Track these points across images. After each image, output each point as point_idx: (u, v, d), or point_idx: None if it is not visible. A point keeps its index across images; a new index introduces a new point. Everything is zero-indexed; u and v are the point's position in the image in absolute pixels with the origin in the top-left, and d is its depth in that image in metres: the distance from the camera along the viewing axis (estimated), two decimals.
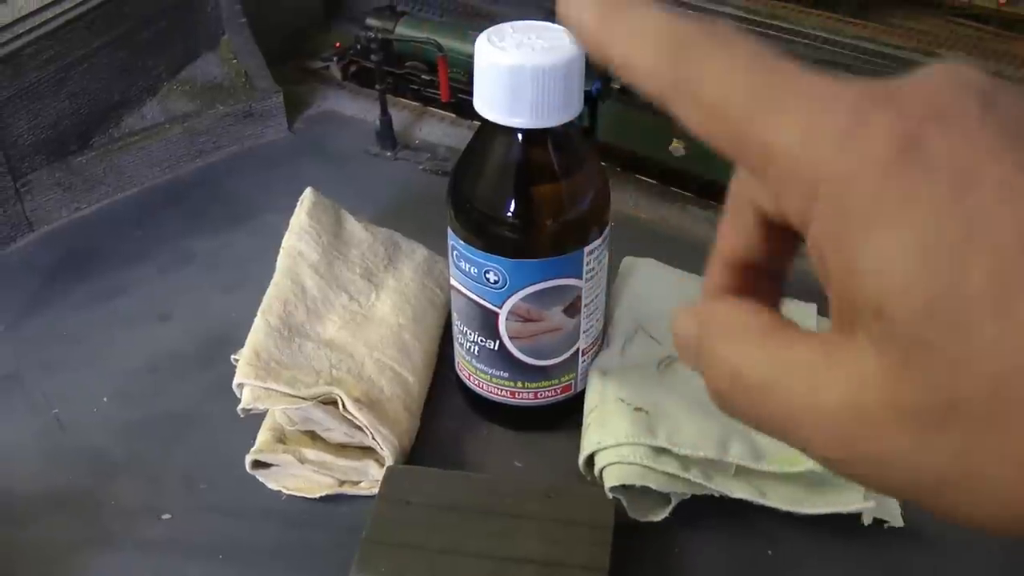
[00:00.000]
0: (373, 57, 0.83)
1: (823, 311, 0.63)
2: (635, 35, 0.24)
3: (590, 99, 0.79)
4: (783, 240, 0.26)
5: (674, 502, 0.53)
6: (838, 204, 0.20)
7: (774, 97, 0.22)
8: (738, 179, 0.26)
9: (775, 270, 0.28)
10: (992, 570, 0.52)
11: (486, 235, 0.51)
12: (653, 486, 0.51)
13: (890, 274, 0.19)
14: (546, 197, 0.51)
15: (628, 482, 0.51)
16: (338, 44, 0.95)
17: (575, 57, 0.48)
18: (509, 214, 0.50)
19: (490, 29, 0.49)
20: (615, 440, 0.52)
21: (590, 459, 0.54)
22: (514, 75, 0.47)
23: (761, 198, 0.25)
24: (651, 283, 0.64)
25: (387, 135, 0.85)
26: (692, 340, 0.25)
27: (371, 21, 0.89)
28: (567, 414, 0.58)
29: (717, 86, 0.22)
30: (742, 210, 0.26)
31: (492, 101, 0.48)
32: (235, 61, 0.91)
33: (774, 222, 0.25)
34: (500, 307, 0.53)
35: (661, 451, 0.52)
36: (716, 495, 0.52)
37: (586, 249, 0.52)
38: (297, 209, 0.66)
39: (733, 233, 0.27)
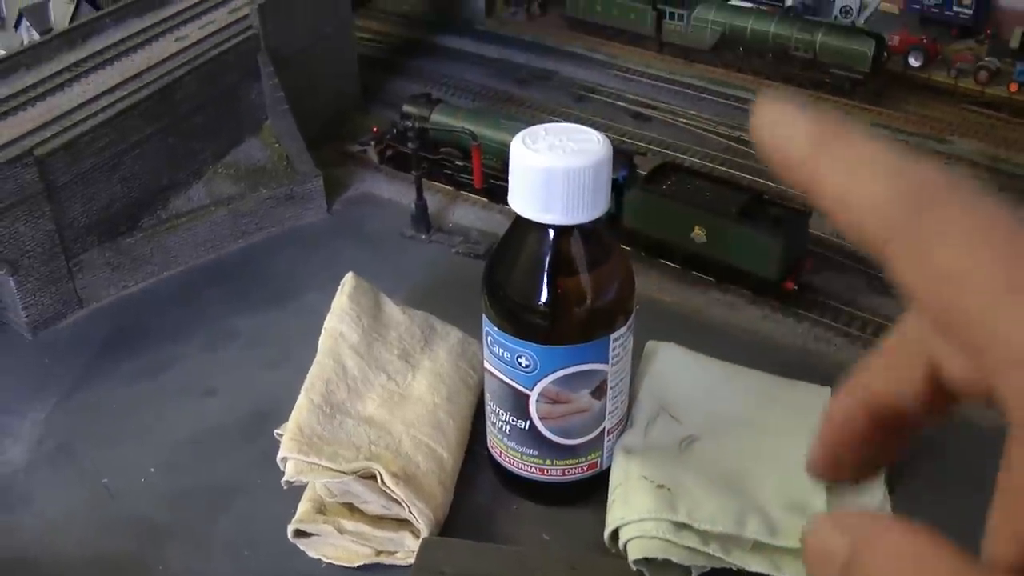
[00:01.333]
0: (410, 144, 0.87)
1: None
2: (859, 169, 0.21)
3: (616, 186, 0.83)
4: (941, 400, 0.24)
5: (695, 574, 0.55)
6: None
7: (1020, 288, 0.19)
8: (916, 326, 0.24)
9: (912, 427, 0.25)
10: None
11: (519, 323, 0.55)
12: (674, 559, 0.54)
13: None
14: (575, 288, 0.55)
15: (651, 555, 0.54)
16: (375, 128, 0.99)
17: (604, 159, 0.51)
18: (541, 303, 0.54)
19: (524, 131, 0.53)
20: (638, 515, 0.55)
21: (615, 533, 0.57)
22: (547, 176, 0.51)
23: (948, 360, 0.23)
24: (673, 367, 0.67)
25: (422, 218, 0.89)
26: (837, 559, 0.21)
27: (408, 108, 0.93)
28: (593, 490, 0.61)
29: (956, 256, 0.19)
30: (912, 359, 0.24)
31: (526, 199, 0.52)
32: (277, 145, 0.96)
33: (946, 384, 0.23)
34: (531, 389, 0.56)
35: (682, 526, 0.55)
36: (734, 568, 0.55)
37: (612, 336, 0.55)
38: (338, 292, 0.70)
39: (890, 377, 0.24)
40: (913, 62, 1.15)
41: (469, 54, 1.27)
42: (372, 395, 0.64)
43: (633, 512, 0.56)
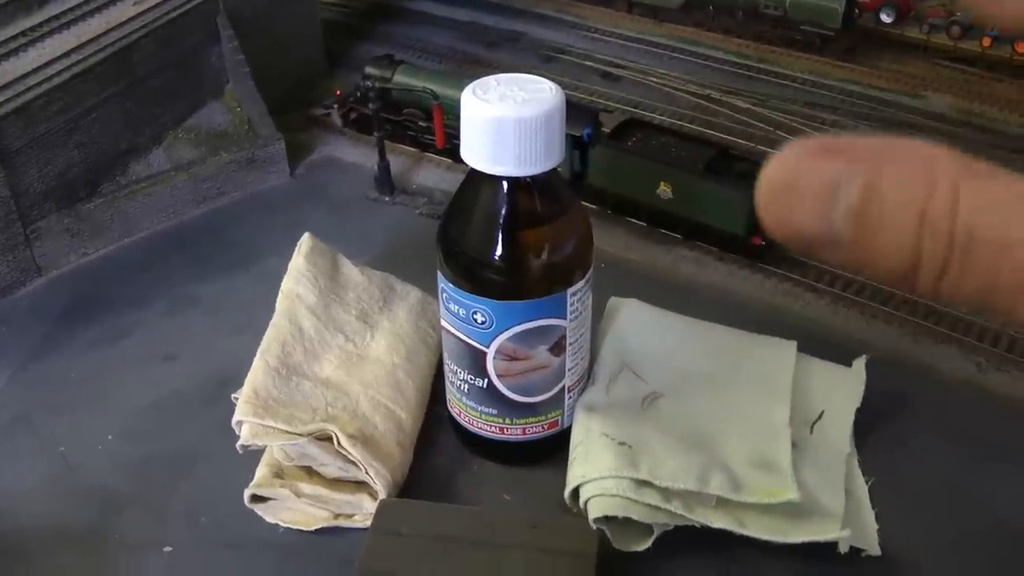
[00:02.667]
0: (371, 105, 0.86)
1: (801, 349, 0.66)
2: None
3: (581, 144, 0.82)
4: None
5: (657, 532, 0.55)
6: None
7: None
8: None
9: None
10: None
11: (473, 278, 0.54)
12: (635, 517, 0.53)
13: None
14: (531, 241, 0.53)
15: (611, 513, 0.53)
16: (338, 92, 0.98)
17: (556, 108, 0.50)
18: (495, 258, 0.53)
19: (475, 82, 0.52)
20: (599, 473, 0.54)
21: (575, 492, 0.56)
22: (497, 126, 0.49)
23: None
24: (636, 323, 0.66)
25: (385, 180, 0.87)
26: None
27: (370, 70, 0.92)
28: (554, 449, 0.60)
29: None
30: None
31: (478, 151, 0.51)
32: (239, 109, 0.94)
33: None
34: (488, 346, 0.55)
35: (643, 484, 0.54)
36: (697, 525, 0.54)
37: (569, 291, 0.54)
38: (295, 254, 0.69)
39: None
40: (885, 18, 1.14)
41: (437, 17, 1.25)
42: (329, 356, 0.63)
43: (593, 470, 0.55)
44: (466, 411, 0.59)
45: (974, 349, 0.71)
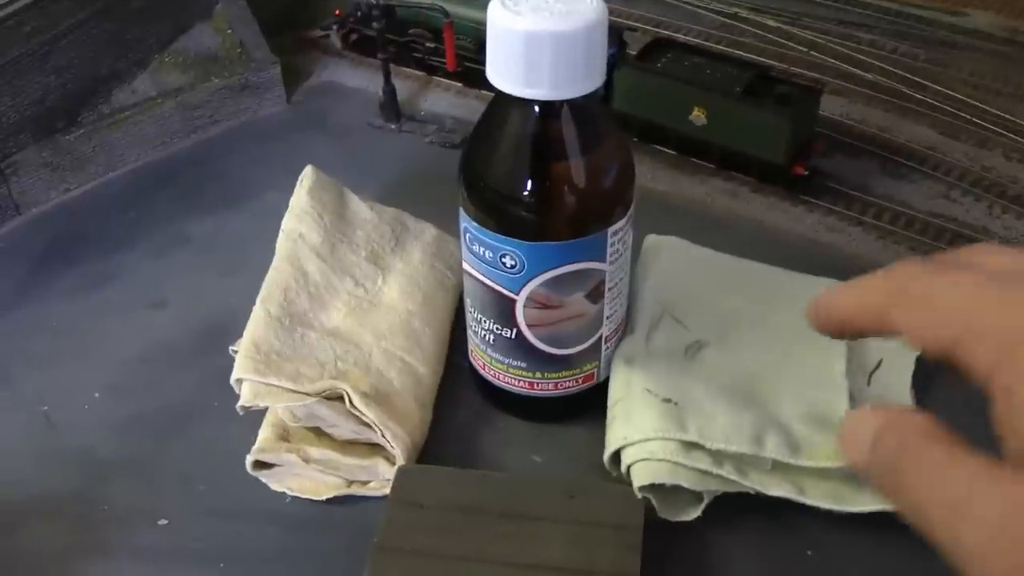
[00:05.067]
0: (375, 25, 0.79)
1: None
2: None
3: None
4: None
5: (707, 500, 0.49)
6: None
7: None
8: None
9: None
10: None
11: (502, 216, 0.47)
12: (685, 484, 0.48)
13: None
14: (566, 175, 0.47)
15: (658, 480, 0.48)
16: (338, 11, 0.90)
17: (597, 22, 0.44)
18: (526, 194, 0.47)
19: None
20: (643, 435, 0.49)
21: (615, 455, 0.50)
22: (530, 42, 0.43)
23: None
24: (677, 264, 0.60)
25: (391, 107, 0.81)
26: (866, 440, 0.26)
27: None
28: (589, 405, 0.54)
29: None
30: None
31: (506, 71, 0.44)
32: (230, 31, 0.87)
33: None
34: (517, 293, 0.49)
35: (692, 446, 0.48)
36: (752, 492, 0.49)
37: (610, 230, 0.48)
38: (297, 188, 0.62)
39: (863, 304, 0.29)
40: None
41: None
42: (337, 303, 0.56)
43: (636, 431, 0.49)
44: (491, 364, 0.53)
45: None
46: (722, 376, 0.53)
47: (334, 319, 0.56)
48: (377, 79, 0.82)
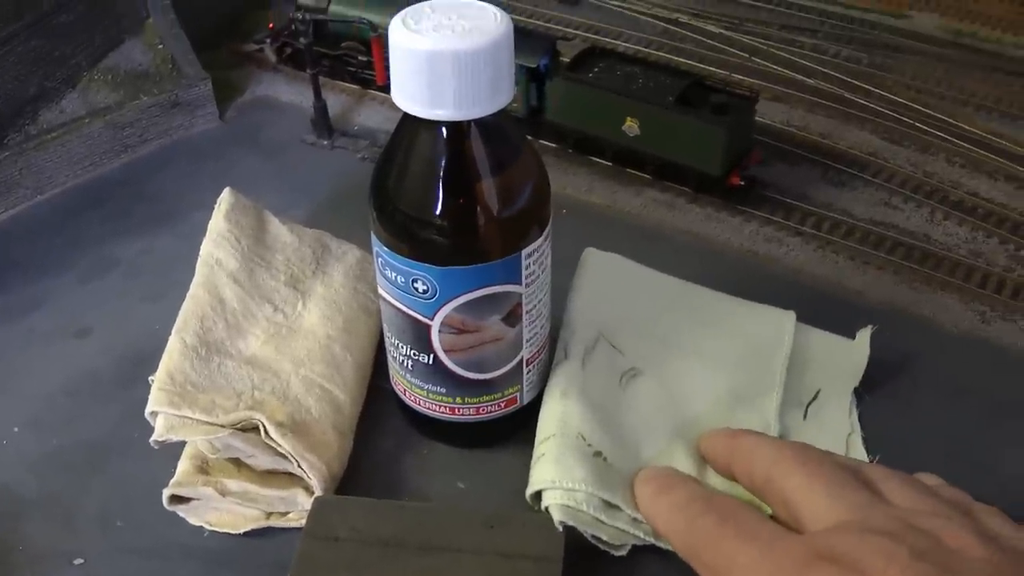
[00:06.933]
0: (302, 39, 0.77)
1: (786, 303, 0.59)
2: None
3: (537, 76, 0.74)
4: None
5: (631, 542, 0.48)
6: None
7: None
8: None
9: None
10: None
11: (412, 240, 0.46)
12: (604, 537, 0.47)
13: None
14: (476, 196, 0.46)
15: (578, 528, 0.46)
16: (272, 24, 0.89)
17: (502, 38, 0.42)
18: (436, 216, 0.45)
19: (406, 9, 0.44)
20: (571, 483, 0.46)
21: (538, 493, 0.48)
22: (433, 62, 0.42)
23: None
24: (615, 282, 0.58)
25: (323, 122, 0.79)
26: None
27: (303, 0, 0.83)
28: (513, 429, 0.53)
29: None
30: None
31: (410, 92, 0.43)
32: (161, 47, 0.85)
33: None
34: (431, 319, 0.48)
35: (616, 507, 0.47)
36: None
37: (524, 251, 0.47)
38: (215, 212, 0.61)
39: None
40: None
41: None
42: (256, 330, 0.55)
43: (565, 477, 0.47)
44: (411, 389, 0.52)
45: (976, 297, 0.64)
46: (653, 407, 0.52)
47: (252, 347, 0.54)
48: (311, 94, 0.80)
